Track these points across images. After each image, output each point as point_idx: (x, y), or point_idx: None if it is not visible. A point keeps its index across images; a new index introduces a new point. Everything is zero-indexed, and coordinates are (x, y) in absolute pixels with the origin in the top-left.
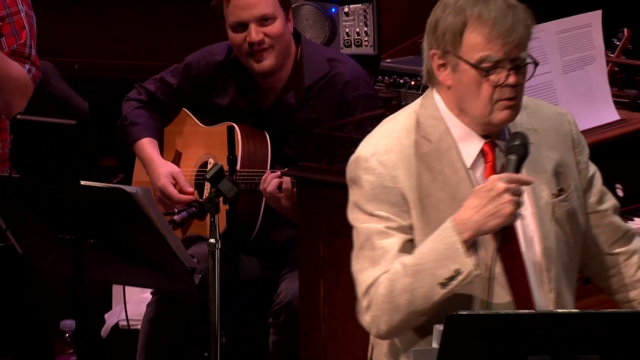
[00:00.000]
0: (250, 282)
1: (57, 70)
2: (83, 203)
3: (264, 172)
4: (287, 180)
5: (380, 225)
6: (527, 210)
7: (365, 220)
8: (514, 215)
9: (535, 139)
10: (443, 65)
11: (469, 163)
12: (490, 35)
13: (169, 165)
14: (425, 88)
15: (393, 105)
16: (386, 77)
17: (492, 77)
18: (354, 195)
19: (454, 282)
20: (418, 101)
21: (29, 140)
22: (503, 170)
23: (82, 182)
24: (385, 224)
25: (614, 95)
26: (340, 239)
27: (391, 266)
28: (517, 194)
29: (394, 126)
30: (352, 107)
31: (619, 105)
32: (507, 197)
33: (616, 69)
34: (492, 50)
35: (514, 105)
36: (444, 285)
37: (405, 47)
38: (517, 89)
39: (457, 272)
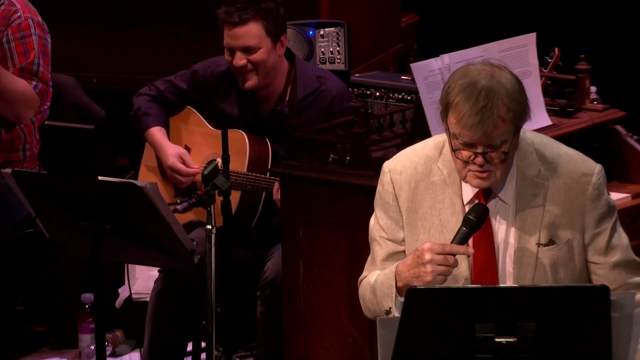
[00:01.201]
0: (241, 261)
1: (78, 83)
2: (100, 195)
3: (267, 179)
4: None
5: (377, 233)
6: (510, 252)
7: (375, 220)
8: (436, 281)
9: (541, 192)
10: (443, 120)
11: (466, 200)
12: (460, 124)
13: (176, 147)
14: (389, 98)
15: (361, 112)
16: (355, 89)
17: (462, 153)
18: (376, 194)
19: (390, 315)
20: None
21: (54, 143)
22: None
23: (100, 178)
24: (381, 233)
25: (546, 104)
26: (316, 225)
27: (374, 272)
28: (443, 264)
29: (420, 151)
30: (338, 117)
31: (551, 112)
32: (428, 267)
33: (548, 82)
34: (461, 134)
35: (485, 177)
36: (386, 313)
37: (371, 64)
38: (490, 166)
39: (389, 311)
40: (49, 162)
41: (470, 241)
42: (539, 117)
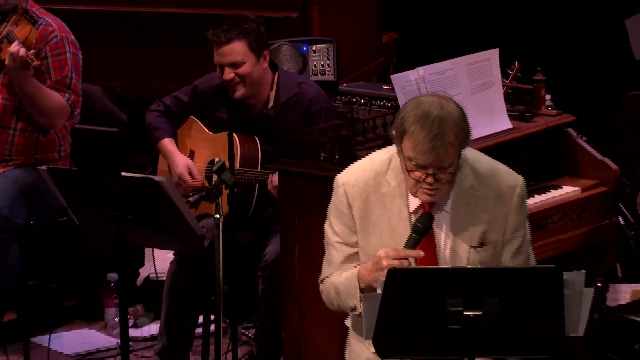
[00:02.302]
0: (245, 246)
1: (104, 92)
2: (123, 189)
3: (257, 173)
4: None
5: (332, 238)
6: (447, 253)
7: (329, 226)
8: None
9: (474, 201)
10: (397, 143)
11: (412, 208)
12: (415, 150)
13: (185, 159)
14: (372, 104)
15: (348, 117)
16: (343, 97)
17: (415, 174)
18: (331, 203)
19: (355, 313)
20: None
21: (84, 143)
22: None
23: (123, 174)
24: (336, 238)
25: (507, 110)
26: (310, 215)
27: (334, 274)
28: (400, 267)
29: (369, 166)
30: (315, 116)
31: (511, 117)
32: (386, 272)
33: (509, 91)
34: (416, 157)
35: (433, 194)
36: (352, 310)
37: (356, 75)
38: (438, 184)
39: (355, 308)
40: (79, 161)
41: None
42: (501, 121)
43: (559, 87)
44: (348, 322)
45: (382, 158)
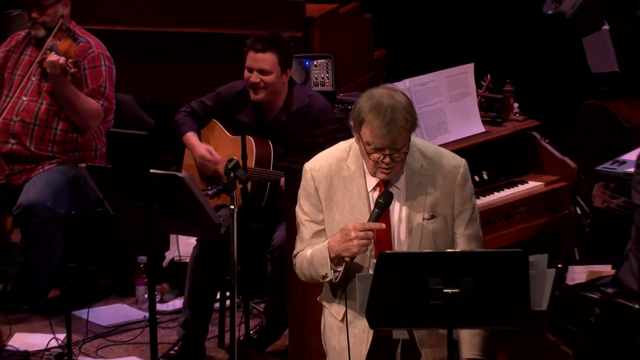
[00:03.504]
0: (255, 233)
1: (135, 101)
2: (151, 183)
3: (270, 173)
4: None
5: (302, 217)
6: (402, 225)
7: (299, 208)
8: (361, 251)
9: (425, 180)
10: (355, 132)
11: (369, 188)
12: (373, 134)
13: (206, 145)
14: None
15: (344, 122)
16: (340, 105)
17: (374, 155)
18: (300, 187)
19: (327, 279)
20: (354, 139)
21: (117, 144)
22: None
23: (151, 170)
24: (305, 217)
25: (481, 116)
26: None
27: (306, 248)
28: (365, 237)
29: (333, 153)
30: (322, 124)
31: (484, 122)
32: (355, 242)
33: (483, 99)
34: (374, 141)
35: (390, 172)
36: (323, 278)
37: (351, 86)
38: (393, 163)
39: (326, 275)
40: (114, 159)
41: None
42: (476, 125)
43: (525, 96)
44: (322, 300)
45: (343, 147)
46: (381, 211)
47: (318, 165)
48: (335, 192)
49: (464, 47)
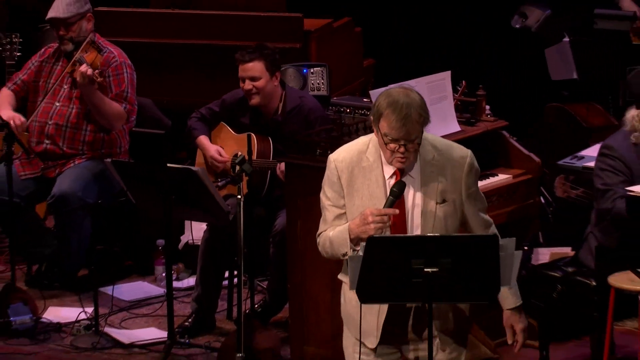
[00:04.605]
0: (259, 219)
1: (154, 104)
2: (169, 176)
3: (270, 162)
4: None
5: (326, 202)
6: (417, 210)
7: (323, 194)
8: (377, 234)
9: (436, 169)
10: (375, 125)
11: (387, 177)
12: (390, 127)
13: (216, 146)
14: (355, 112)
15: (337, 122)
16: (333, 107)
17: (390, 146)
18: (324, 176)
19: (346, 257)
20: (373, 134)
21: (139, 142)
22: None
23: (168, 165)
24: (328, 202)
25: (457, 117)
26: (309, 196)
27: (328, 229)
28: (381, 222)
29: (354, 146)
30: (312, 122)
31: (460, 122)
32: (372, 225)
33: (458, 103)
34: (390, 133)
35: (405, 161)
36: (343, 256)
37: (343, 91)
38: (408, 153)
39: (345, 254)
40: (135, 155)
41: None
42: (452, 125)
43: (496, 100)
44: (341, 277)
45: (363, 141)
46: (395, 198)
47: (341, 157)
48: (356, 180)
49: (442, 57)
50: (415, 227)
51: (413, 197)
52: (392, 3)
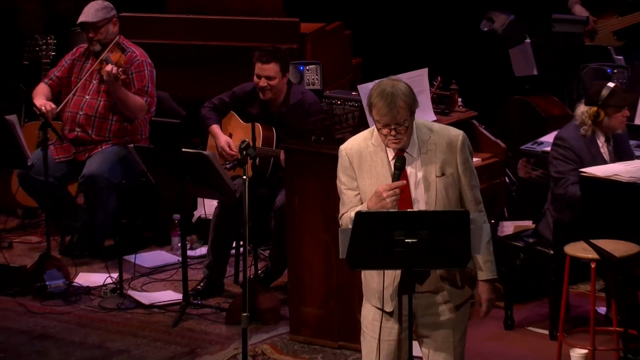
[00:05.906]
0: (262, 197)
1: (170, 97)
2: (183, 159)
3: (273, 151)
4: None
5: (342, 186)
6: (421, 185)
7: (338, 181)
8: (393, 206)
9: (433, 148)
10: (369, 113)
11: (390, 158)
12: (379, 113)
13: (226, 138)
14: (345, 104)
15: (329, 113)
16: (326, 100)
17: (383, 130)
18: (338, 165)
19: None
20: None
21: (158, 130)
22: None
23: (183, 149)
24: (344, 186)
25: (433, 109)
26: (305, 176)
27: (349, 210)
28: (394, 195)
29: (360, 136)
30: (312, 114)
31: (435, 112)
32: (387, 200)
33: (434, 96)
34: (381, 119)
35: (398, 142)
36: None
37: (335, 86)
38: (399, 135)
39: None
40: (155, 141)
41: None
42: (429, 115)
43: (467, 93)
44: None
45: (368, 131)
46: (399, 171)
47: (349, 145)
48: (364, 163)
49: (420, 56)
50: (420, 199)
51: (416, 174)
52: (378, 10)
